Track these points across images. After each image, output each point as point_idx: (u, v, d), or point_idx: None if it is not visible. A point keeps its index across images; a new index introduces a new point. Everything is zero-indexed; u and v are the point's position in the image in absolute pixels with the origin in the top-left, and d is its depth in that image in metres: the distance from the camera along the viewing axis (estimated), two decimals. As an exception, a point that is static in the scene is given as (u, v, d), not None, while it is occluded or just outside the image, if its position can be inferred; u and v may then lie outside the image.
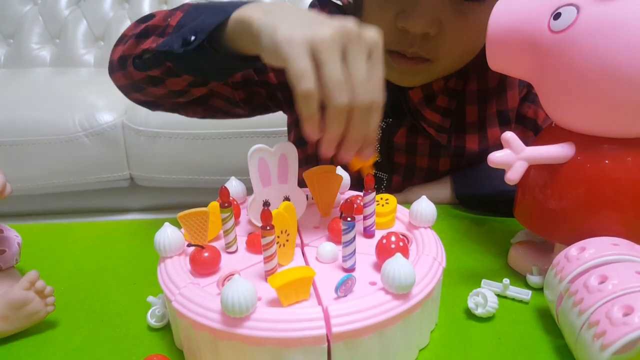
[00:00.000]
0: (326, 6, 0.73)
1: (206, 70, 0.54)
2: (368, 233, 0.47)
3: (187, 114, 0.72)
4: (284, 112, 0.81)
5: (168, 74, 0.56)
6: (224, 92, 0.72)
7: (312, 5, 0.74)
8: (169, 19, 0.56)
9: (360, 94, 0.40)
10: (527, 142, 0.45)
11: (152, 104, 0.67)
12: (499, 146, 0.45)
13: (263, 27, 0.42)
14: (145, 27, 0.58)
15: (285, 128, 0.84)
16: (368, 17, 0.63)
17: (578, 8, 0.41)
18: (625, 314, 0.34)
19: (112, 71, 0.64)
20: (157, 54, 0.53)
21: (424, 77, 0.65)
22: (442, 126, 0.69)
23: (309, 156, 0.77)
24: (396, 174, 0.73)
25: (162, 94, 0.61)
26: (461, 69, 0.66)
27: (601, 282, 0.37)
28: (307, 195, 0.50)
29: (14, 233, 0.49)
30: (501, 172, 0.45)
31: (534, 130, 0.71)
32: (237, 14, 0.47)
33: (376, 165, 0.72)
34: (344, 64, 0.40)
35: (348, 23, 0.41)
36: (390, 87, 0.53)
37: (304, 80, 0.39)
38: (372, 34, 0.42)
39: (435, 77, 0.66)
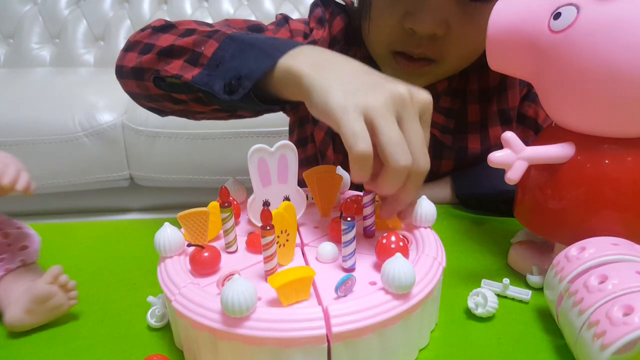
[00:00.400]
0: (329, 6, 0.73)
1: (241, 107, 0.53)
2: (368, 233, 0.47)
3: (195, 119, 0.71)
4: (286, 113, 0.81)
5: (195, 100, 0.54)
6: None
7: (315, 5, 0.74)
8: (202, 47, 0.52)
9: (419, 158, 0.40)
10: (528, 142, 0.45)
11: (163, 112, 0.66)
12: (501, 146, 0.45)
13: (315, 87, 0.42)
14: (171, 45, 0.54)
15: (285, 128, 0.84)
16: (375, 18, 0.62)
17: (578, 8, 0.41)
18: (625, 314, 0.34)
19: (122, 76, 0.61)
20: (191, 85, 0.51)
21: (430, 78, 0.65)
22: (447, 127, 0.69)
23: (309, 156, 0.77)
24: None
25: (180, 109, 0.60)
26: (463, 69, 0.66)
27: (601, 282, 0.37)
28: (307, 195, 0.50)
29: (32, 230, 0.51)
30: (501, 172, 0.45)
31: (535, 129, 0.71)
32: (286, 64, 0.45)
33: None
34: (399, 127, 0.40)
35: (399, 87, 0.41)
36: None
37: (359, 141, 0.38)
38: (424, 96, 0.42)
39: (441, 78, 0.66)
